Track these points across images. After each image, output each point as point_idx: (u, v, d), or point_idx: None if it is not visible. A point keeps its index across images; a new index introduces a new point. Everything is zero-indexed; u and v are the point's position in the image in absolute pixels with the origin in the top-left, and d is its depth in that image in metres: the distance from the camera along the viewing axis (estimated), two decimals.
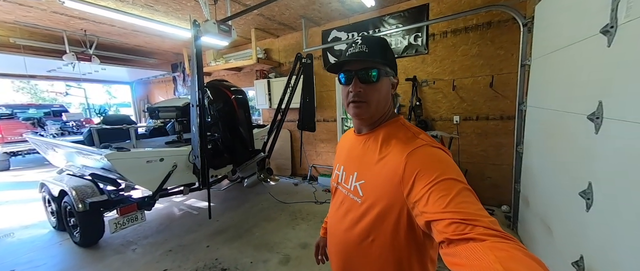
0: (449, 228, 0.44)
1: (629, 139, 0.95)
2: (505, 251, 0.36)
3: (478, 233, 0.40)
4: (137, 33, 4.15)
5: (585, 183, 1.20)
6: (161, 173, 2.46)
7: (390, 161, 0.60)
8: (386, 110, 0.70)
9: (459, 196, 0.47)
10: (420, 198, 0.51)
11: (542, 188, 1.83)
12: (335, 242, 0.75)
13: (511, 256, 0.36)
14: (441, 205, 0.47)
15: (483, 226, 0.41)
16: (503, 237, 0.40)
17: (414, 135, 0.63)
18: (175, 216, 3.30)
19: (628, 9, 0.96)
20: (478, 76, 2.85)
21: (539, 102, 1.92)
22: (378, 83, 0.65)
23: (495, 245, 0.38)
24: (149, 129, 4.03)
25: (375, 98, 0.65)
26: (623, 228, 0.97)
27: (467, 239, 0.41)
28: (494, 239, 0.39)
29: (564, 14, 1.55)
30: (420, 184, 0.52)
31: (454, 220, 0.44)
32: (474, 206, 0.46)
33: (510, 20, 2.55)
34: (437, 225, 0.47)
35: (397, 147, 0.61)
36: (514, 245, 0.38)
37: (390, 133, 0.66)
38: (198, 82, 1.86)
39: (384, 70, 0.65)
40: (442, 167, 0.53)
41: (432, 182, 0.50)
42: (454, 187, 0.48)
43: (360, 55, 0.63)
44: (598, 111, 1.12)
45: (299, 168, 4.57)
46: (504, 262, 0.35)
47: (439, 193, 0.48)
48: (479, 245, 0.39)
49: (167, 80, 6.91)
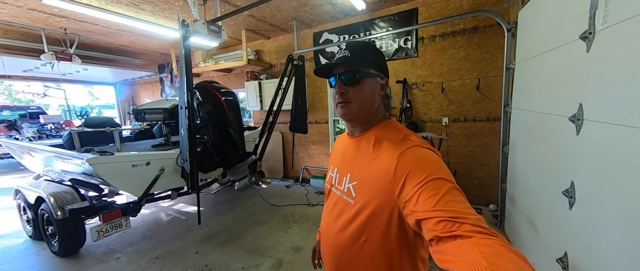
0: (438, 226, 0.45)
1: (607, 140, 1.00)
2: (490, 247, 0.38)
3: (465, 231, 0.42)
4: (121, 32, 4.01)
5: (568, 182, 1.25)
6: (147, 177, 2.37)
7: (382, 162, 0.62)
8: (373, 110, 0.72)
9: (447, 195, 0.48)
10: (411, 197, 0.52)
11: (527, 187, 1.89)
12: (328, 244, 0.76)
13: (496, 252, 0.37)
14: (430, 204, 0.48)
15: (470, 224, 0.43)
16: (489, 234, 0.41)
17: (405, 136, 0.65)
18: (163, 222, 3.19)
19: (605, 16, 1.01)
20: (465, 79, 2.93)
21: (523, 104, 1.99)
22: (360, 85, 0.67)
23: (481, 242, 0.39)
24: (134, 132, 3.89)
25: (358, 99, 0.68)
26: (605, 225, 1.02)
27: (454, 236, 0.42)
28: (480, 236, 0.40)
29: (545, 20, 1.62)
30: (410, 184, 0.53)
31: (442, 218, 0.45)
32: (461, 205, 0.47)
33: (495, 25, 2.65)
34: (426, 224, 0.48)
35: (388, 148, 0.63)
36: (499, 241, 0.39)
37: (382, 135, 0.68)
38: (187, 84, 1.81)
39: (366, 72, 0.68)
40: (431, 167, 0.54)
41: (422, 181, 0.52)
42: (443, 186, 0.50)
43: (343, 59, 0.68)
44: (578, 113, 1.17)
45: (291, 171, 4.53)
46: (489, 257, 0.36)
47: (429, 193, 0.50)
48: (465, 242, 0.40)
49: (153, 81, 6.71)
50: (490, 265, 0.35)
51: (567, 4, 1.32)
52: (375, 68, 0.69)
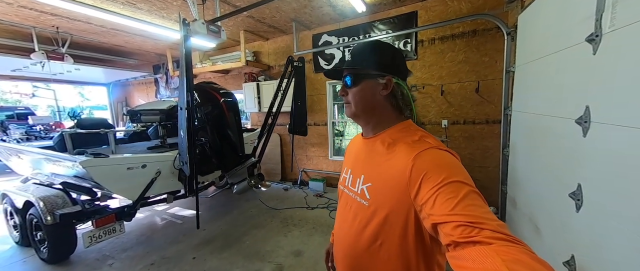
0: (455, 231, 0.44)
1: (616, 142, 1.00)
2: (512, 255, 0.36)
3: (485, 236, 0.40)
4: (116, 32, 3.92)
5: (575, 185, 1.25)
6: (143, 180, 2.29)
7: (397, 163, 0.61)
8: (375, 110, 0.71)
9: (466, 199, 0.47)
10: (427, 200, 0.51)
11: (529, 190, 1.90)
12: (343, 247, 0.74)
13: (518, 259, 0.35)
14: (448, 208, 0.46)
15: (490, 230, 0.41)
16: (511, 241, 0.39)
17: (421, 138, 0.63)
18: (158, 227, 3.10)
19: (612, 19, 1.02)
20: (465, 82, 2.96)
21: (524, 107, 2.01)
22: (355, 87, 0.70)
23: (502, 249, 0.38)
24: (128, 134, 3.79)
25: (355, 100, 0.71)
26: (613, 228, 1.01)
27: (473, 242, 0.41)
28: (501, 242, 0.39)
29: (547, 23, 1.64)
30: (426, 186, 0.52)
31: (460, 222, 0.44)
32: (481, 209, 0.45)
33: (495, 28, 2.68)
34: (443, 228, 0.46)
35: (403, 149, 0.62)
36: (521, 248, 0.38)
37: (397, 137, 0.67)
38: (187, 84, 1.76)
39: (363, 74, 0.69)
40: (449, 169, 0.53)
41: (439, 184, 0.50)
42: (461, 189, 0.48)
43: (342, 64, 0.73)
44: (585, 115, 1.17)
45: (290, 173, 4.48)
46: (511, 265, 0.34)
47: (446, 196, 0.48)
48: (485, 248, 0.39)
49: (148, 82, 6.58)
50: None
51: (571, 7, 1.33)
52: (375, 68, 0.68)
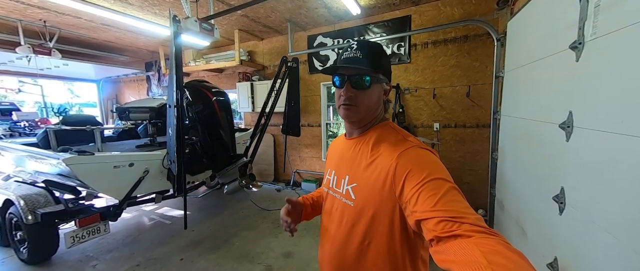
0: (438, 226, 0.45)
1: (598, 146, 1.02)
2: (489, 246, 0.38)
3: (465, 230, 0.42)
4: (107, 27, 3.84)
5: (558, 188, 1.28)
6: (130, 179, 2.24)
7: (381, 163, 0.62)
8: (376, 115, 0.72)
9: (447, 195, 0.48)
10: (411, 198, 0.52)
11: (516, 193, 1.93)
12: (330, 249, 0.74)
13: (495, 250, 0.37)
14: (430, 204, 0.48)
15: (469, 223, 0.43)
16: (488, 233, 0.41)
17: (404, 137, 0.65)
18: (145, 227, 3.03)
19: (594, 27, 1.05)
20: (456, 86, 3.00)
21: (512, 112, 2.05)
22: (369, 90, 0.66)
23: (481, 241, 0.39)
24: (117, 131, 3.70)
25: (365, 104, 0.67)
26: (595, 230, 1.03)
27: (454, 236, 0.42)
28: (480, 235, 0.41)
29: (534, 31, 1.68)
30: (410, 184, 0.54)
31: (442, 218, 0.45)
32: (461, 204, 0.47)
33: (485, 34, 2.73)
34: (426, 224, 0.48)
35: (387, 149, 0.63)
36: (498, 239, 0.40)
37: (380, 137, 0.68)
38: (177, 82, 1.74)
39: (376, 77, 0.67)
40: (430, 167, 0.54)
41: (422, 181, 0.52)
42: (443, 186, 0.50)
43: (354, 61, 0.65)
44: (568, 120, 1.20)
45: (282, 174, 4.46)
46: (488, 256, 0.36)
47: (428, 193, 0.50)
48: (465, 241, 0.40)
49: (139, 79, 6.46)
50: (489, 264, 0.35)
51: (556, 15, 1.37)
52: (383, 73, 0.68)
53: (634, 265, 0.84)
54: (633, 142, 0.85)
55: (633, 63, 0.87)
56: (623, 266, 0.89)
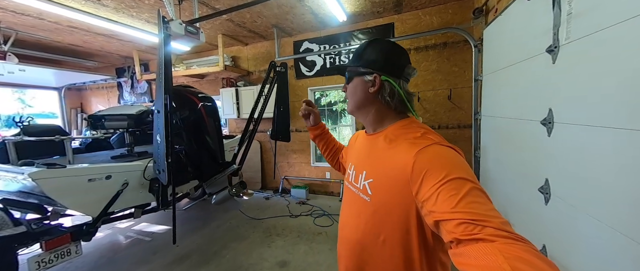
0: (458, 228, 0.43)
1: (577, 139, 1.14)
2: (514, 252, 0.36)
3: (488, 234, 0.40)
4: (73, 30, 3.53)
5: (543, 180, 1.39)
6: (107, 193, 2.04)
7: (398, 160, 0.60)
8: (367, 107, 0.73)
9: (468, 196, 0.46)
10: (429, 197, 0.50)
11: (500, 188, 2.07)
12: (347, 242, 0.74)
13: (520, 257, 0.35)
14: (450, 205, 0.46)
15: (493, 227, 0.41)
16: (514, 239, 0.39)
17: (424, 134, 0.63)
18: (121, 246, 2.76)
19: (567, 32, 1.18)
20: (438, 89, 3.18)
21: (493, 112, 2.21)
22: (351, 83, 0.75)
23: (505, 247, 0.37)
24: (85, 142, 3.37)
25: (349, 96, 0.76)
26: (579, 218, 1.13)
27: (476, 239, 0.41)
28: (504, 240, 0.39)
29: (510, 37, 1.85)
30: (428, 183, 0.51)
31: (463, 220, 0.43)
32: (484, 206, 0.45)
33: (463, 41, 2.95)
34: (446, 225, 0.46)
35: (405, 145, 0.61)
36: (524, 246, 0.38)
37: (398, 133, 0.67)
38: (165, 85, 1.64)
39: (355, 70, 0.73)
40: (451, 166, 0.52)
41: (441, 180, 0.50)
42: (464, 186, 0.48)
43: (348, 63, 0.78)
44: (549, 116, 1.33)
45: (271, 181, 4.34)
46: (512, 262, 0.34)
47: (449, 193, 0.48)
48: (488, 246, 0.39)
49: (109, 86, 6.00)
50: (513, 270, 0.33)
51: (532, 23, 1.52)
52: (364, 66, 0.71)
53: (617, 246, 0.93)
54: (608, 132, 0.96)
55: (604, 63, 0.99)
56: (607, 248, 0.98)
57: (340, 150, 1.08)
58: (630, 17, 0.86)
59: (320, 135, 1.08)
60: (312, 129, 1.07)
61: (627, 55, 0.88)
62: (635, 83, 0.85)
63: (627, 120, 0.88)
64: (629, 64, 0.87)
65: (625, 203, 0.90)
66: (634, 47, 0.85)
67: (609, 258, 0.98)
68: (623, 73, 0.90)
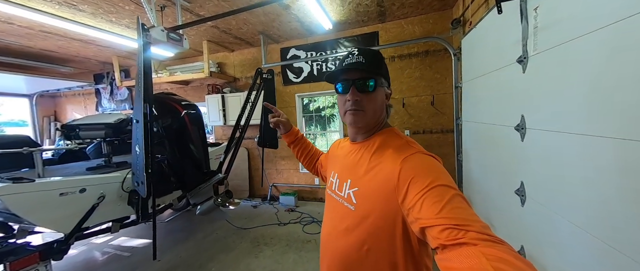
0: (442, 234, 0.45)
1: (546, 144, 1.21)
2: (496, 254, 0.38)
3: (471, 238, 0.42)
4: (47, 35, 3.36)
5: (518, 183, 1.46)
6: (81, 208, 1.92)
7: (384, 168, 0.62)
8: (381, 119, 0.73)
9: (451, 202, 0.48)
10: (415, 204, 0.52)
11: (482, 190, 2.15)
12: (330, 251, 0.73)
13: (501, 258, 0.37)
14: (435, 211, 0.48)
15: (475, 231, 0.43)
16: (494, 241, 0.41)
17: (407, 143, 0.67)
18: (97, 263, 2.59)
19: (535, 44, 1.27)
20: (422, 95, 3.29)
21: (473, 117, 2.31)
22: (374, 93, 0.68)
23: (487, 250, 0.39)
24: (59, 153, 3.17)
25: (371, 107, 0.68)
26: (553, 218, 1.20)
27: (460, 244, 0.42)
28: (486, 243, 0.41)
29: (485, 46, 1.95)
30: (414, 190, 0.53)
31: (447, 225, 0.45)
32: (466, 211, 0.47)
33: (443, 50, 3.08)
34: (431, 231, 0.48)
35: (391, 154, 0.63)
36: (504, 248, 0.40)
37: (384, 142, 0.69)
38: (145, 93, 1.58)
39: (380, 81, 0.69)
40: (434, 173, 0.55)
41: (426, 188, 0.52)
42: (447, 193, 0.50)
43: (358, 65, 0.66)
44: (522, 122, 1.40)
45: (259, 189, 4.26)
46: (494, 263, 0.36)
47: (433, 200, 0.49)
48: (471, 249, 0.40)
49: (87, 93, 5.72)
50: None
51: (503, 34, 1.62)
52: (384, 77, 0.71)
53: (591, 245, 0.98)
54: (573, 138, 1.03)
55: (566, 74, 1.06)
56: (581, 247, 1.04)
57: (317, 154, 1.08)
58: (587, 32, 0.93)
59: (294, 142, 1.07)
60: (286, 136, 1.06)
61: (585, 68, 0.96)
62: (593, 93, 0.92)
63: (588, 127, 0.95)
64: (587, 76, 0.95)
65: (589, 205, 0.96)
66: (591, 61, 0.93)
67: (580, 258, 1.03)
68: (583, 85, 0.97)
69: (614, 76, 0.83)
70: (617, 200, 0.84)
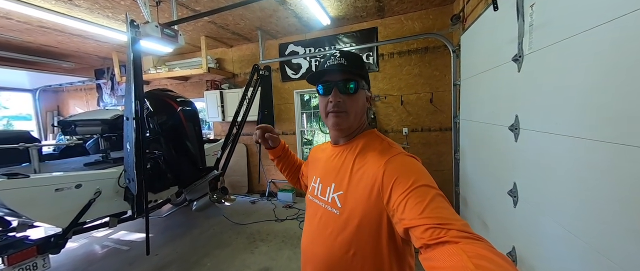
0: (425, 234, 0.46)
1: (540, 145, 1.18)
2: (475, 250, 0.40)
3: (452, 236, 0.43)
4: (46, 30, 3.37)
5: (511, 184, 1.43)
6: (77, 203, 1.95)
7: (368, 171, 0.62)
8: (363, 122, 0.73)
9: (433, 202, 0.49)
10: (399, 205, 0.53)
11: (477, 190, 2.12)
12: (313, 257, 0.71)
13: (480, 254, 0.39)
14: (417, 212, 0.49)
15: (456, 230, 0.44)
16: (474, 238, 0.43)
17: (389, 145, 0.67)
18: (96, 257, 2.64)
19: (530, 43, 1.23)
20: (420, 93, 3.24)
21: (469, 116, 2.27)
22: (356, 95, 0.68)
23: (467, 247, 0.41)
24: (59, 148, 3.22)
25: (353, 109, 0.68)
26: (544, 220, 1.17)
27: (442, 242, 0.43)
28: (466, 241, 0.42)
29: (483, 44, 1.90)
30: (397, 191, 0.54)
31: (429, 225, 0.46)
32: (447, 211, 0.48)
33: (443, 46, 3.02)
34: (414, 231, 0.49)
35: (374, 157, 0.63)
36: (484, 244, 0.42)
37: (366, 144, 0.69)
38: (135, 91, 1.58)
39: (361, 83, 0.69)
40: (416, 174, 0.56)
41: (408, 189, 0.52)
42: (428, 193, 0.51)
43: (340, 67, 0.67)
44: (516, 123, 1.37)
45: (257, 185, 4.29)
46: (474, 260, 0.38)
47: (415, 200, 0.50)
48: (453, 247, 0.42)
49: (88, 88, 5.76)
50: (476, 268, 0.36)
51: (500, 32, 1.57)
52: (365, 80, 0.71)
53: (578, 249, 0.97)
54: (565, 140, 1.00)
55: (560, 74, 1.03)
56: (569, 250, 1.02)
57: (300, 166, 1.04)
58: (581, 31, 0.90)
59: (280, 156, 1.00)
60: (272, 151, 0.98)
61: (579, 68, 0.92)
62: (587, 95, 0.89)
63: (581, 129, 0.92)
64: (581, 78, 0.91)
65: (577, 210, 0.94)
66: (585, 61, 0.89)
67: (567, 262, 1.02)
68: (577, 86, 0.93)
69: (608, 77, 0.80)
70: (605, 206, 0.82)
